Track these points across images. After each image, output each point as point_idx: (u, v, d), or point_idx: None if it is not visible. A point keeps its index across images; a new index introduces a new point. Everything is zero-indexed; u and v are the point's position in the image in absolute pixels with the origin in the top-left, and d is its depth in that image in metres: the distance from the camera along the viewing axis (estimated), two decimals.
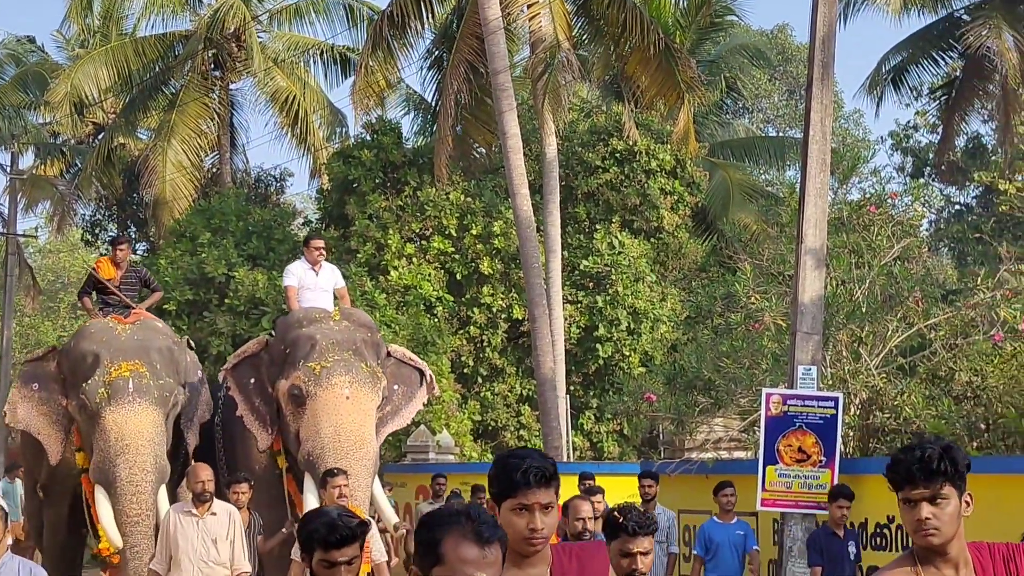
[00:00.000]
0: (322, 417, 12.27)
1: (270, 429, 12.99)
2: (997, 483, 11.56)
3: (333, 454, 11.99)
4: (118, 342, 12.90)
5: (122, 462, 12.13)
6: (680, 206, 25.54)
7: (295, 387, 12.49)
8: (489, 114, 23.93)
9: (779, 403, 12.63)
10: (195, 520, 10.67)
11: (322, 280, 13.98)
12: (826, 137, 13.29)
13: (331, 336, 12.79)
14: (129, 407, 12.34)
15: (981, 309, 14.55)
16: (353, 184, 25.33)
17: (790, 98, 42.82)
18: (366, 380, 12.63)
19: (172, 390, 12.85)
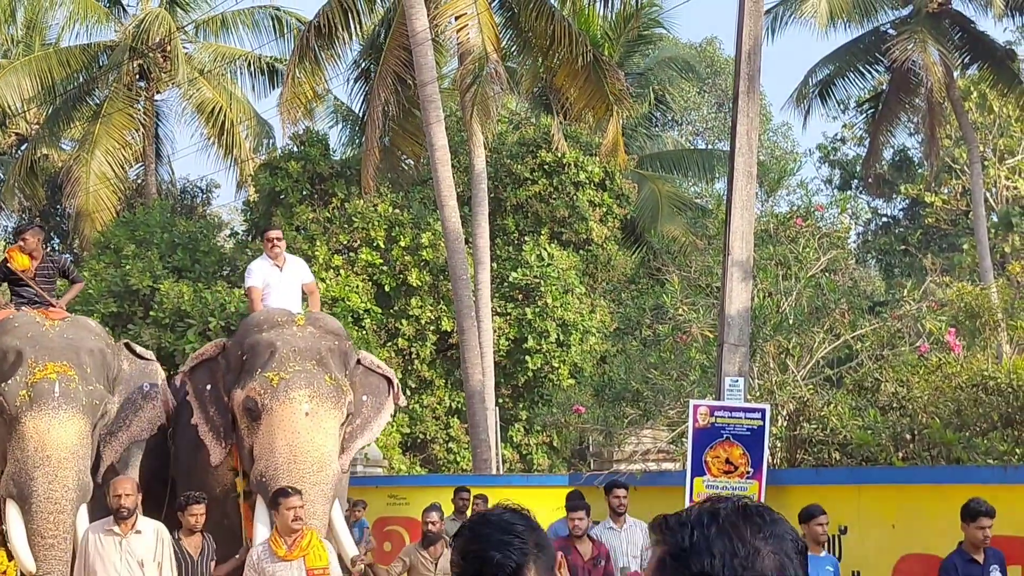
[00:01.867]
0: (277, 434, 11.03)
1: (224, 443, 11.70)
2: (923, 494, 11.62)
3: (287, 476, 10.80)
4: (45, 339, 11.44)
5: (40, 475, 10.74)
6: (609, 218, 25.54)
7: (250, 399, 11.23)
8: (417, 126, 23.78)
9: (706, 414, 12.61)
10: (117, 540, 9.75)
11: (287, 276, 12.88)
12: (752, 149, 13.31)
13: (293, 343, 11.51)
14: (53, 414, 10.94)
15: (907, 320, 14.64)
16: (280, 196, 25.13)
17: (719, 111, 43.01)
18: (328, 394, 11.32)
19: (102, 398, 11.46)
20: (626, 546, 11.98)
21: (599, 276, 25.47)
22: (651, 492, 13.65)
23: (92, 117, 29.86)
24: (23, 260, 12.77)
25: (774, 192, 18.50)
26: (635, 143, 28.95)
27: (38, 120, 32.97)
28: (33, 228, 13.34)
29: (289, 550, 9.60)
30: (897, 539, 11.58)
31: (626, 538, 12.04)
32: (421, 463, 23.92)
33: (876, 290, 19.13)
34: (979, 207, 25.57)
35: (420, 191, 25.66)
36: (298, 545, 9.69)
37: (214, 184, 38.59)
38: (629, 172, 26.39)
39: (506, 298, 24.16)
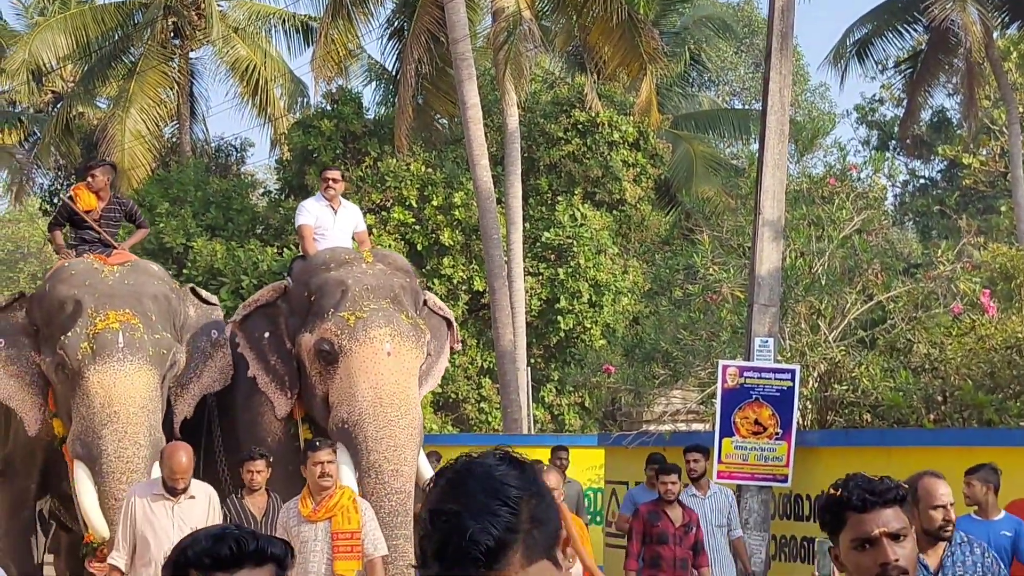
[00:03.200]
0: (359, 377, 10.19)
1: (289, 392, 10.83)
2: (953, 456, 11.51)
3: (373, 421, 10.05)
4: (104, 286, 10.58)
5: (109, 433, 9.92)
6: (643, 178, 25.41)
7: (324, 341, 10.34)
8: (451, 84, 23.72)
9: (736, 375, 12.51)
10: (169, 506, 8.80)
11: (341, 221, 11.87)
12: (784, 108, 13.16)
13: (364, 281, 10.63)
14: (119, 366, 10.09)
15: (941, 282, 14.49)
16: (313, 154, 25.11)
17: (756, 71, 42.67)
18: (409, 334, 10.48)
19: (170, 347, 10.55)
20: (711, 515, 11.20)
21: (632, 237, 25.37)
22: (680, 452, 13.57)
23: (127, 75, 29.86)
24: (90, 199, 11.95)
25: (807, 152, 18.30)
26: (670, 103, 28.75)
27: (74, 78, 33.00)
28: (104, 165, 12.53)
29: (315, 510, 8.65)
30: None
31: (710, 506, 11.29)
32: (452, 423, 23.93)
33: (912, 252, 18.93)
34: (1017, 169, 25.31)
35: (453, 150, 25.59)
36: (325, 505, 8.68)
37: (248, 143, 38.76)
38: (663, 132, 26.24)
39: (538, 258, 24.10)
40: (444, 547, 2.27)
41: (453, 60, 21.16)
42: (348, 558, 8.68)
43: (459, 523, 2.26)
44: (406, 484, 10.01)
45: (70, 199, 12.15)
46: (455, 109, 24.52)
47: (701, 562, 10.67)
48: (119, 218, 12.27)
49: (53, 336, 10.47)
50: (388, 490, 9.90)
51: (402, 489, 9.97)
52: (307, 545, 8.63)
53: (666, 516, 10.52)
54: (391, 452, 9.99)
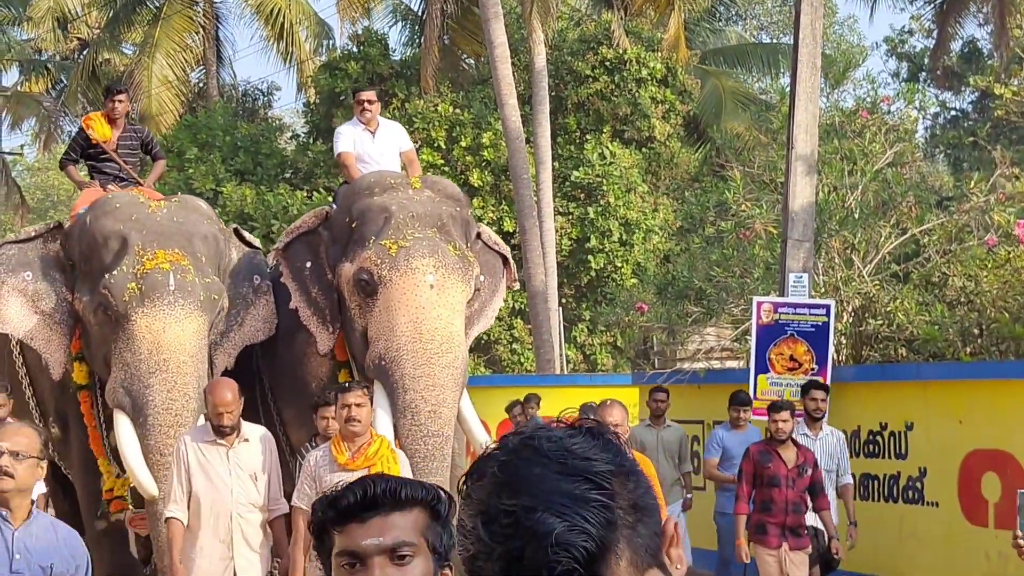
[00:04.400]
0: (398, 310, 9.39)
1: (331, 327, 10.03)
2: (990, 389, 11.47)
3: (412, 357, 9.26)
4: (153, 223, 9.74)
5: (157, 383, 9.14)
6: (671, 115, 25.25)
7: (363, 271, 9.55)
8: (476, 24, 23.59)
9: (770, 311, 12.48)
10: (223, 451, 8.14)
11: (381, 144, 10.93)
12: (816, 40, 13.06)
13: (409, 208, 9.76)
14: (169, 310, 9.30)
15: (975, 214, 14.37)
16: (340, 97, 25.04)
17: (783, 4, 42.29)
18: (454, 266, 9.63)
19: (220, 292, 9.80)
20: (820, 458, 10.57)
21: (662, 174, 25.24)
22: (715, 390, 13.56)
23: (152, 20, 29.79)
24: (104, 129, 11.03)
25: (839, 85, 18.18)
26: (697, 38, 28.51)
27: (99, 24, 32.96)
28: (127, 91, 11.66)
29: (352, 458, 7.90)
30: (964, 435, 11.44)
31: (821, 448, 10.76)
32: (485, 364, 23.95)
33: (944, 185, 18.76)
34: None
35: (481, 90, 25.46)
36: (363, 453, 7.92)
37: (275, 86, 38.70)
38: (691, 68, 26.03)
39: (568, 197, 24.02)
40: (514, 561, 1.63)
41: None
42: None
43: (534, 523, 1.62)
44: (444, 427, 9.30)
45: (80, 131, 11.36)
46: (482, 49, 24.40)
47: (821, 504, 10.18)
48: (136, 147, 11.40)
49: (93, 273, 9.65)
50: (424, 432, 9.19)
51: (439, 432, 9.25)
52: None
53: (778, 456, 9.98)
54: (429, 391, 9.24)
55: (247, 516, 8.18)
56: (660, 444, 12.34)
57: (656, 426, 12.54)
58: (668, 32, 23.22)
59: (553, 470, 1.66)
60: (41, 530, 5.17)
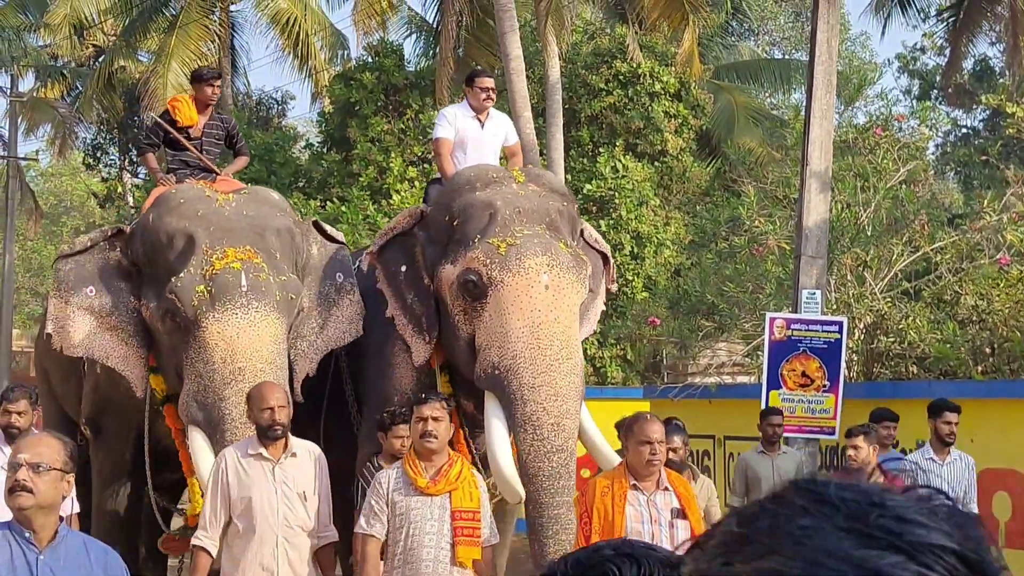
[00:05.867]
0: (512, 313, 8.50)
1: (428, 336, 9.08)
2: (1002, 408, 11.53)
3: (530, 365, 8.36)
4: (220, 218, 8.92)
5: (233, 394, 8.27)
6: (684, 129, 25.29)
7: (471, 272, 8.65)
8: (491, 36, 23.66)
9: (783, 327, 12.55)
10: (268, 466, 7.20)
11: (489, 134, 10.15)
12: (832, 58, 13.12)
13: (515, 203, 8.90)
14: (242, 313, 8.49)
15: (987, 232, 14.45)
16: (355, 107, 25.14)
17: (796, 20, 42.38)
18: (569, 265, 8.73)
19: (298, 291, 8.96)
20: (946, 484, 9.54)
21: (674, 188, 25.29)
22: (727, 405, 13.63)
23: (168, 28, 29.91)
24: (191, 113, 10.27)
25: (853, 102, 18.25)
26: (711, 53, 28.59)
27: (115, 32, 33.09)
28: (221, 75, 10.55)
29: (433, 481, 7.06)
30: (976, 453, 11.49)
31: (949, 475, 9.85)
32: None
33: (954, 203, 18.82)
34: None
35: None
36: (445, 476, 7.10)
37: (289, 96, 38.71)
38: (704, 82, 26.11)
39: (580, 210, 23.97)
40: None
41: (495, 11, 21.08)
42: (471, 543, 7.11)
43: None
44: (568, 441, 8.43)
45: (167, 113, 10.44)
46: (496, 60, 24.45)
47: None
48: (220, 137, 10.59)
49: (159, 278, 8.90)
50: (548, 448, 8.27)
51: (564, 447, 8.36)
52: (418, 525, 7.03)
53: None
54: (552, 402, 8.35)
55: (294, 541, 7.21)
56: (776, 474, 10.90)
57: (771, 453, 11.07)
58: (682, 47, 23.24)
59: (837, 524, 1.06)
60: (71, 552, 4.60)
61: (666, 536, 6.83)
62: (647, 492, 6.99)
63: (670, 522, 6.92)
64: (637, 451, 6.95)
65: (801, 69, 29.00)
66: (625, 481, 7.00)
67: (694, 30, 23.03)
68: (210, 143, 10.39)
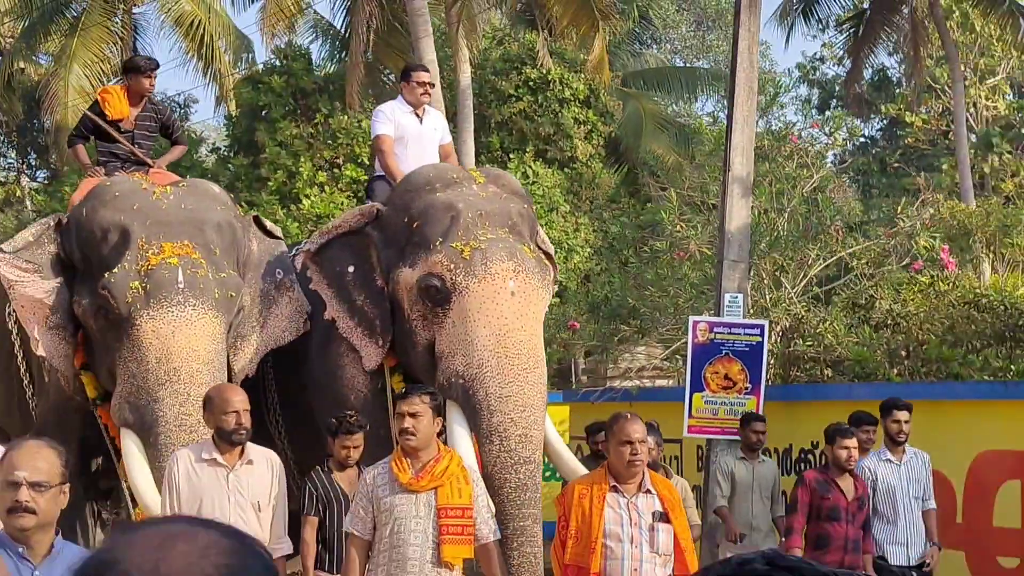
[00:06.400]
0: (478, 320, 8.29)
1: (381, 340, 8.81)
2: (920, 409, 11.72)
3: (497, 375, 8.18)
4: (157, 211, 8.50)
5: (168, 395, 7.96)
6: (594, 136, 25.47)
7: (433, 277, 8.41)
8: (401, 40, 23.67)
9: (706, 331, 12.66)
10: (222, 473, 6.95)
11: (428, 128, 9.90)
12: (754, 65, 13.27)
13: (477, 205, 8.69)
14: (179, 311, 8.12)
15: (901, 238, 14.71)
16: (263, 110, 24.99)
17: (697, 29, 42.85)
18: (533, 270, 8.58)
19: (238, 289, 8.60)
20: (908, 484, 9.65)
21: (583, 194, 25.45)
22: (648, 407, 13.72)
23: (69, 31, 29.45)
24: (122, 105, 9.81)
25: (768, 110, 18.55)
26: (618, 60, 28.81)
27: (13, 34, 32.55)
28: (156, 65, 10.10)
29: (417, 476, 6.79)
30: None
31: (906, 474, 9.70)
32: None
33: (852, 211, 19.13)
34: (961, 127, 25.58)
35: None
36: (429, 472, 6.81)
37: (192, 99, 38.33)
38: (613, 89, 26.30)
39: None
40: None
41: (409, 16, 21.06)
42: (459, 541, 6.82)
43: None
44: (535, 453, 8.29)
45: (97, 104, 10.08)
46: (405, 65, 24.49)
47: (866, 547, 9.20)
48: (155, 129, 10.14)
49: (92, 273, 8.52)
50: (516, 459, 8.10)
51: (531, 459, 8.22)
52: (403, 523, 6.78)
53: (837, 488, 9.08)
54: (519, 413, 8.17)
55: None
56: (755, 481, 10.89)
57: (751, 459, 10.98)
58: (593, 53, 23.39)
59: None
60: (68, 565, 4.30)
61: (646, 539, 6.77)
62: (628, 494, 6.87)
63: (651, 525, 6.81)
64: (618, 451, 6.82)
65: (706, 77, 29.39)
66: (605, 483, 6.90)
67: (604, 37, 23.21)
68: (143, 135, 9.98)
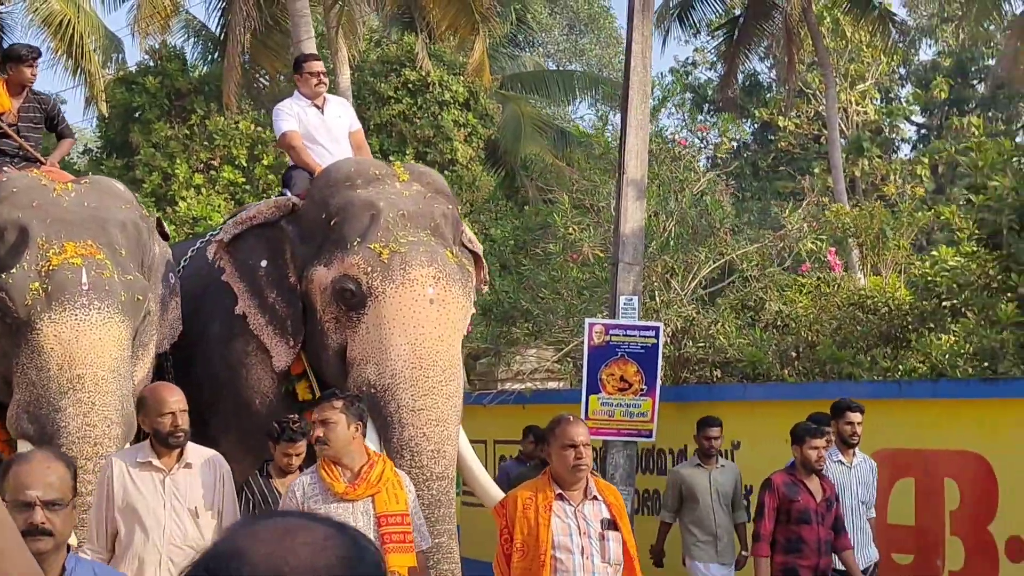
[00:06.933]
0: (393, 328, 7.90)
1: (292, 340, 8.40)
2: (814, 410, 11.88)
3: (411, 386, 7.82)
4: (58, 209, 7.90)
5: (71, 405, 7.38)
6: (474, 138, 25.44)
7: (348, 279, 8.02)
8: (279, 42, 23.45)
9: (601, 333, 12.69)
10: (158, 478, 6.40)
11: (331, 120, 9.46)
12: (647, 68, 13.35)
13: (399, 205, 8.26)
14: (83, 315, 7.55)
15: (789, 240, 14.91)
16: (136, 112, 24.56)
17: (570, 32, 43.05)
18: (455, 276, 8.20)
19: (144, 292, 8.02)
20: (857, 488, 9.40)
21: (463, 197, 25.38)
22: (543, 410, 13.71)
23: None
24: (3, 98, 9.14)
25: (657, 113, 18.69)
26: (496, 63, 28.82)
27: None
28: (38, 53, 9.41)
29: (352, 485, 6.49)
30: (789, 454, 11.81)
31: (856, 477, 9.44)
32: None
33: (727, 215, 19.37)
34: (834, 131, 26.00)
35: None
36: (364, 480, 6.52)
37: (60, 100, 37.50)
38: (492, 92, 26.30)
39: None
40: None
41: (291, 18, 20.81)
42: (402, 549, 6.51)
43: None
44: (448, 469, 7.94)
45: None
46: (283, 66, 24.24)
47: (844, 543, 8.82)
48: (39, 120, 9.43)
49: None
50: (428, 475, 7.74)
51: (444, 475, 7.87)
52: None
53: (806, 489, 8.66)
54: (432, 428, 7.82)
55: (180, 563, 6.27)
56: (714, 488, 10.55)
57: (707, 466, 10.63)
58: (473, 56, 23.36)
59: None
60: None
61: (596, 549, 6.41)
62: (574, 502, 6.49)
63: (600, 533, 6.46)
64: (561, 456, 6.41)
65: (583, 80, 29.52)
66: (550, 491, 6.47)
67: (484, 40, 23.20)
68: (28, 127, 9.29)
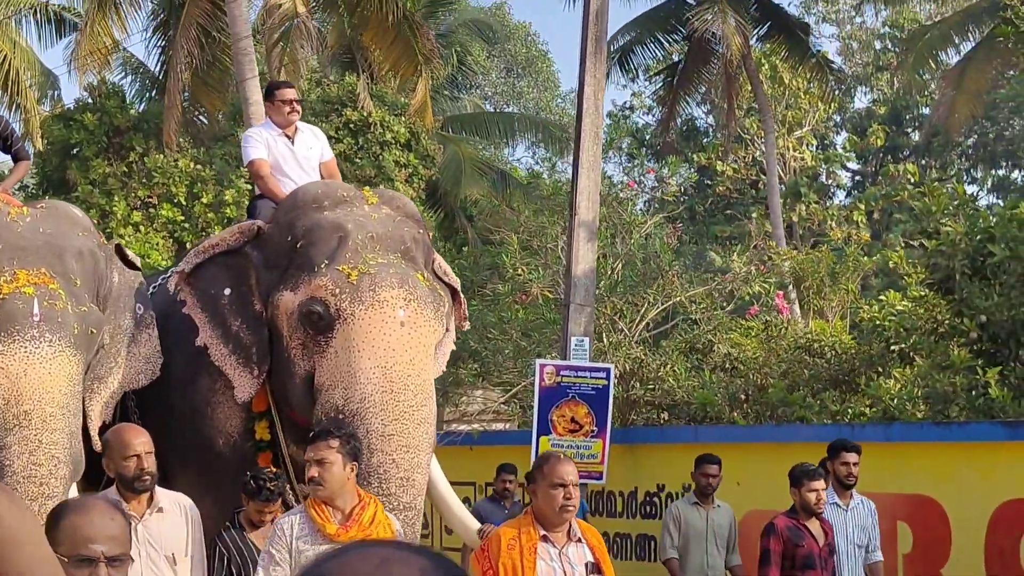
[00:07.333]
0: (363, 351, 7.54)
1: (257, 370, 7.99)
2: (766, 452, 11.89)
3: (380, 412, 7.45)
4: (11, 235, 7.53)
5: (17, 442, 7.02)
6: (415, 179, 25.39)
7: (316, 302, 7.66)
8: (219, 80, 23.32)
9: (553, 374, 12.66)
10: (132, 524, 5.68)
11: (302, 150, 9.06)
12: (599, 111, 13.41)
13: (368, 227, 7.95)
14: (32, 347, 7.17)
15: (737, 283, 14.96)
16: (74, 149, 24.32)
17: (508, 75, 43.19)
18: (426, 299, 7.83)
19: (99, 324, 7.63)
20: (852, 531, 9.10)
21: None
22: (491, 451, 13.65)
23: None
24: None
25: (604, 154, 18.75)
26: (437, 105, 28.84)
27: None
28: None
29: (343, 527, 6.30)
30: (742, 497, 11.80)
31: (852, 520, 9.13)
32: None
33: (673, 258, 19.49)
34: (772, 176, 26.20)
35: (222, 147, 25.08)
36: (357, 521, 6.37)
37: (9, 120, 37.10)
38: (433, 133, 26.30)
39: None
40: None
41: (234, 56, 20.67)
42: None
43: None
44: (417, 499, 7.63)
45: None
46: (223, 105, 24.14)
47: None
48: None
49: None
50: (395, 504, 7.38)
51: (412, 504, 7.57)
52: None
53: (809, 533, 8.37)
54: (402, 454, 7.48)
55: None
56: (710, 528, 10.41)
57: (705, 505, 10.49)
58: (416, 97, 23.34)
59: None
60: None
61: None
62: (558, 544, 6.27)
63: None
64: (549, 495, 6.19)
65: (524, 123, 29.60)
66: (534, 532, 6.25)
67: (427, 80, 23.20)
68: None
